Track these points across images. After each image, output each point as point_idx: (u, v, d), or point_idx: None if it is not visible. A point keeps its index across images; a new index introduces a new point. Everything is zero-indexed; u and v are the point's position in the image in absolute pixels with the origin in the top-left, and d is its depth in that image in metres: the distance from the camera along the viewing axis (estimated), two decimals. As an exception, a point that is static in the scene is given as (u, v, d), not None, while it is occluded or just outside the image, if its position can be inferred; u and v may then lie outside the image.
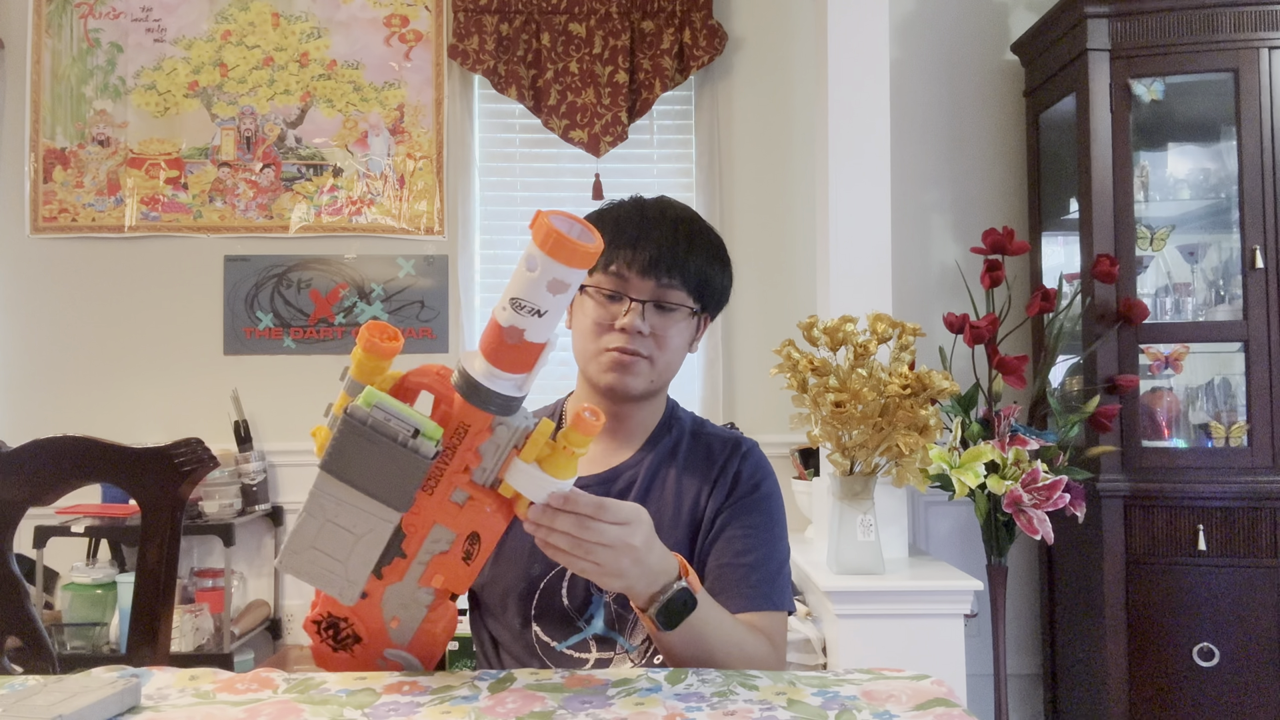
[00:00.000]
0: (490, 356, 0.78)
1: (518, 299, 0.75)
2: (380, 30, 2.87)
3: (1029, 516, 2.04)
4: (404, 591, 0.86)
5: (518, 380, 0.79)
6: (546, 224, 0.73)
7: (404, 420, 0.77)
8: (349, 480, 0.78)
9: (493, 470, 0.82)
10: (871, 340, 2.01)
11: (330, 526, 0.80)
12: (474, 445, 0.81)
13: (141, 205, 2.83)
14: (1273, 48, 2.28)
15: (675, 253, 1.10)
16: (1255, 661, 2.21)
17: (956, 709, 0.77)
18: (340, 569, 0.82)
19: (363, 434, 0.76)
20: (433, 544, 0.84)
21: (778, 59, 2.89)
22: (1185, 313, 2.45)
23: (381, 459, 0.77)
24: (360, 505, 0.79)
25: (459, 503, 0.82)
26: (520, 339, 0.76)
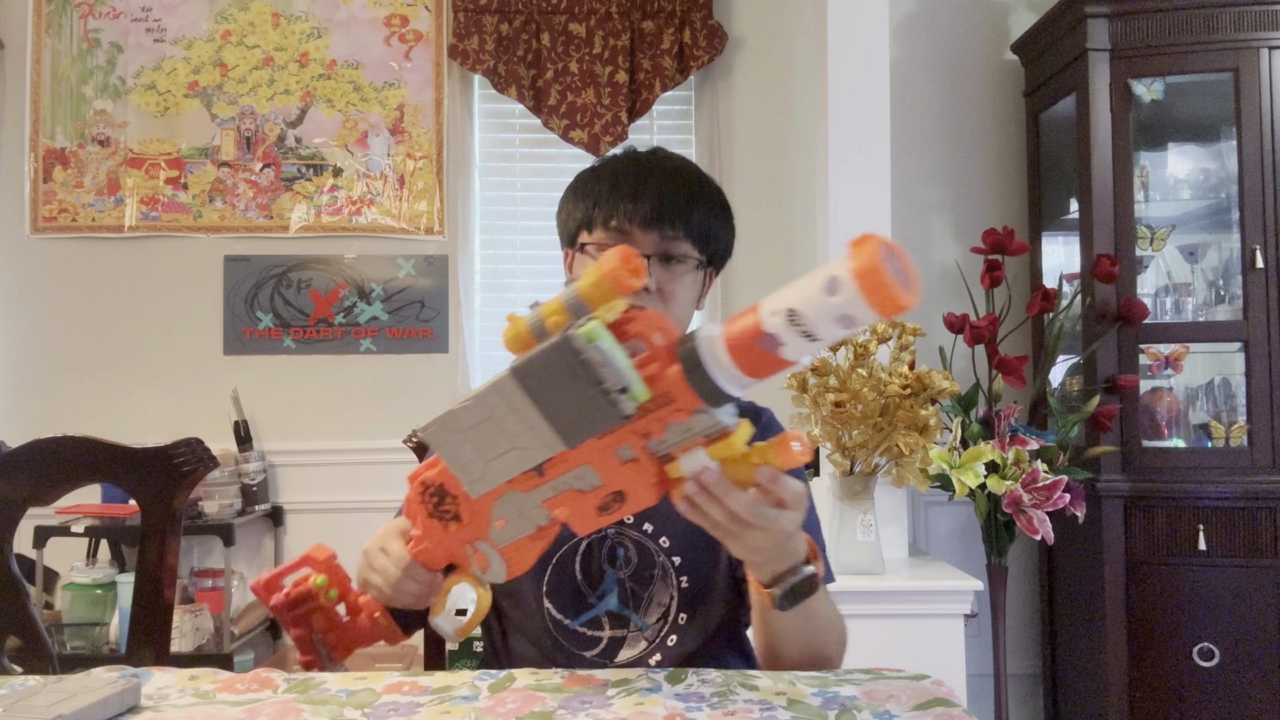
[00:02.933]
0: (733, 348, 0.70)
1: (797, 314, 0.66)
2: (380, 30, 2.87)
3: (1029, 516, 2.04)
4: (524, 502, 0.83)
5: (745, 382, 0.72)
6: (876, 261, 0.62)
7: (618, 372, 0.71)
8: (533, 395, 0.73)
9: (671, 447, 0.76)
10: (871, 340, 2.01)
11: (490, 425, 0.76)
12: (667, 419, 0.74)
13: (141, 205, 2.83)
14: (1273, 48, 2.28)
15: (677, 203, 1.06)
16: (1255, 661, 2.21)
17: (956, 709, 0.77)
18: (480, 465, 0.79)
19: (570, 365, 0.70)
20: (575, 479, 0.80)
21: (778, 59, 2.89)
22: (1185, 313, 2.45)
23: (576, 395, 0.71)
24: (531, 422, 0.74)
25: (621, 458, 0.77)
26: (776, 351, 0.68)
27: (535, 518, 0.83)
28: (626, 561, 1.07)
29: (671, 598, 1.07)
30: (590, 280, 0.72)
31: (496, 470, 0.79)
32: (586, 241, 1.08)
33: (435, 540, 0.89)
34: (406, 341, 2.84)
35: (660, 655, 1.06)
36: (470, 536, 0.87)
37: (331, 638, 1.00)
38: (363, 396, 2.83)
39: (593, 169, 1.12)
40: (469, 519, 0.86)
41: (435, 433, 0.79)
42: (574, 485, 0.80)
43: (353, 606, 0.99)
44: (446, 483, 0.86)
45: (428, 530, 0.89)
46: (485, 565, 0.87)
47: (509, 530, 0.85)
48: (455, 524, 0.87)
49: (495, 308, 2.93)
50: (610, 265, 0.71)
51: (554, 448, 0.75)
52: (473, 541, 0.87)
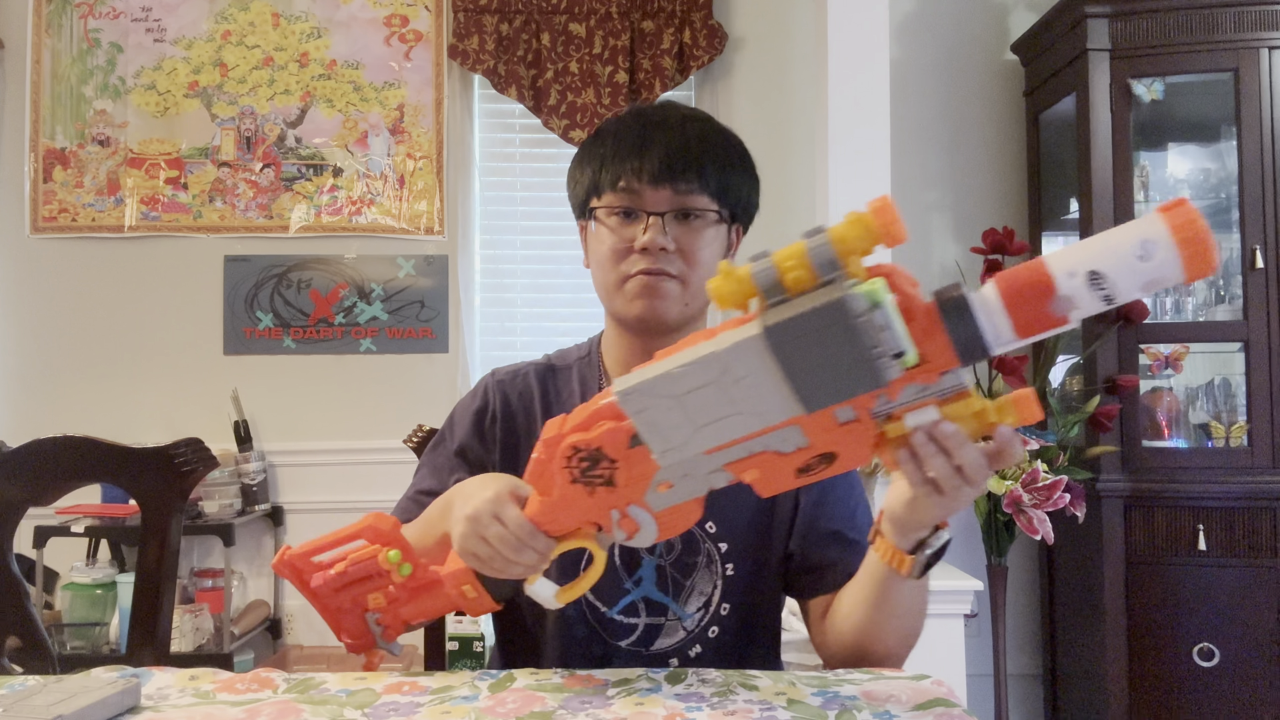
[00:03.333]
0: (1012, 304, 0.64)
1: (1102, 277, 0.62)
2: (380, 30, 2.87)
3: (1029, 516, 2.04)
4: (702, 464, 0.75)
5: (1011, 341, 0.66)
6: (1200, 225, 0.60)
7: (895, 337, 0.63)
8: (782, 358, 0.64)
9: (896, 406, 0.69)
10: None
11: (713, 390, 0.68)
12: (911, 380, 0.68)
13: (141, 205, 2.83)
14: (1273, 47, 2.28)
15: (688, 153, 0.98)
16: (1255, 661, 2.21)
17: (956, 709, 0.77)
18: (685, 431, 0.71)
19: (843, 328, 0.62)
20: (778, 440, 0.72)
21: (778, 59, 2.89)
22: (1185, 313, 2.45)
23: (838, 360, 0.64)
24: (768, 386, 0.66)
25: (839, 420, 0.70)
26: (1064, 314, 0.64)
27: (713, 481, 0.76)
28: (669, 548, 1.02)
29: (715, 586, 1.02)
30: (848, 226, 0.64)
31: (704, 437, 0.71)
32: (596, 206, 1.02)
33: (571, 506, 0.81)
34: (406, 341, 2.84)
35: (700, 647, 1.02)
36: (618, 502, 0.80)
37: (389, 616, 0.92)
38: (363, 396, 2.83)
39: (597, 131, 1.06)
40: (625, 484, 0.78)
41: (637, 398, 0.70)
42: (772, 447, 0.73)
43: (424, 580, 0.90)
44: (606, 445, 0.77)
45: (565, 496, 0.81)
46: (632, 530, 0.80)
47: (674, 494, 0.78)
48: (605, 490, 0.79)
49: (495, 308, 2.93)
50: (878, 208, 0.64)
51: (787, 413, 0.68)
52: (621, 506, 0.80)
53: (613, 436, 0.77)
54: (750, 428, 0.70)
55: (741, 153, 1.04)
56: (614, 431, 0.77)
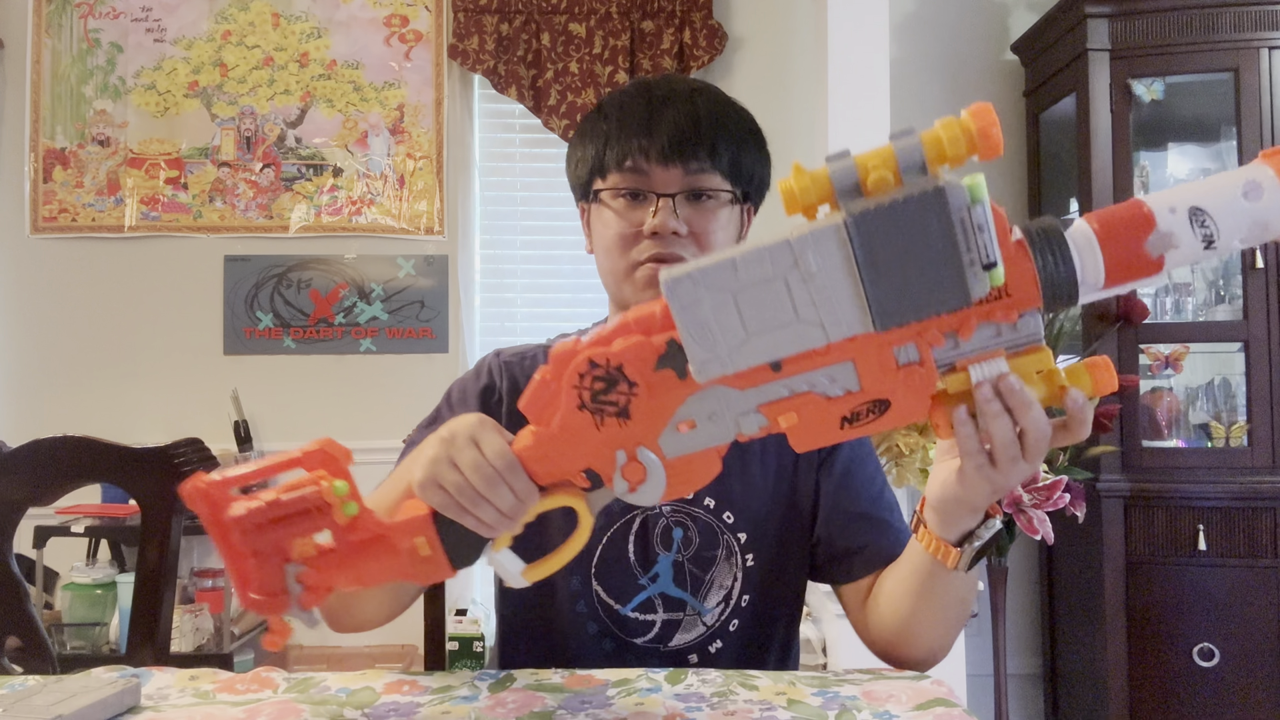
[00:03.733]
0: (1106, 238, 0.58)
1: (1204, 213, 0.57)
2: (380, 30, 2.87)
3: (1029, 516, 2.04)
4: (733, 401, 0.64)
5: (1100, 283, 0.59)
6: None
7: (990, 243, 0.56)
8: (863, 255, 0.56)
9: (963, 354, 0.61)
10: (871, 340, 2.01)
11: (775, 288, 0.58)
12: (988, 316, 0.60)
13: (141, 205, 2.84)
14: (1272, 48, 2.28)
15: (699, 129, 0.92)
16: (1255, 661, 2.21)
17: (956, 709, 0.77)
18: (732, 338, 0.60)
19: (936, 224, 0.55)
20: (825, 379, 0.62)
21: (778, 59, 2.89)
22: (1185, 313, 2.45)
23: (923, 263, 0.55)
24: (838, 291, 0.57)
25: (898, 360, 0.61)
26: (1161, 253, 0.58)
27: (743, 424, 0.65)
28: (686, 542, 0.97)
29: (735, 579, 0.98)
30: (943, 128, 0.57)
31: (756, 348, 0.60)
32: (601, 188, 0.96)
33: (571, 441, 0.67)
34: (406, 341, 2.84)
35: (720, 642, 0.98)
36: (627, 441, 0.67)
37: (314, 574, 0.72)
38: (362, 396, 2.83)
39: (599, 106, 0.98)
40: (642, 416, 0.66)
41: (688, 287, 0.59)
42: (819, 387, 0.63)
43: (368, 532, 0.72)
44: (629, 364, 0.65)
45: (567, 426, 0.67)
46: (638, 479, 0.67)
47: (695, 437, 0.66)
48: (616, 422, 0.66)
49: (495, 308, 2.93)
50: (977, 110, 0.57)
51: (854, 328, 0.59)
52: (629, 446, 0.67)
53: (638, 353, 0.64)
54: (809, 342, 0.60)
55: (753, 127, 0.98)
56: (641, 347, 0.64)
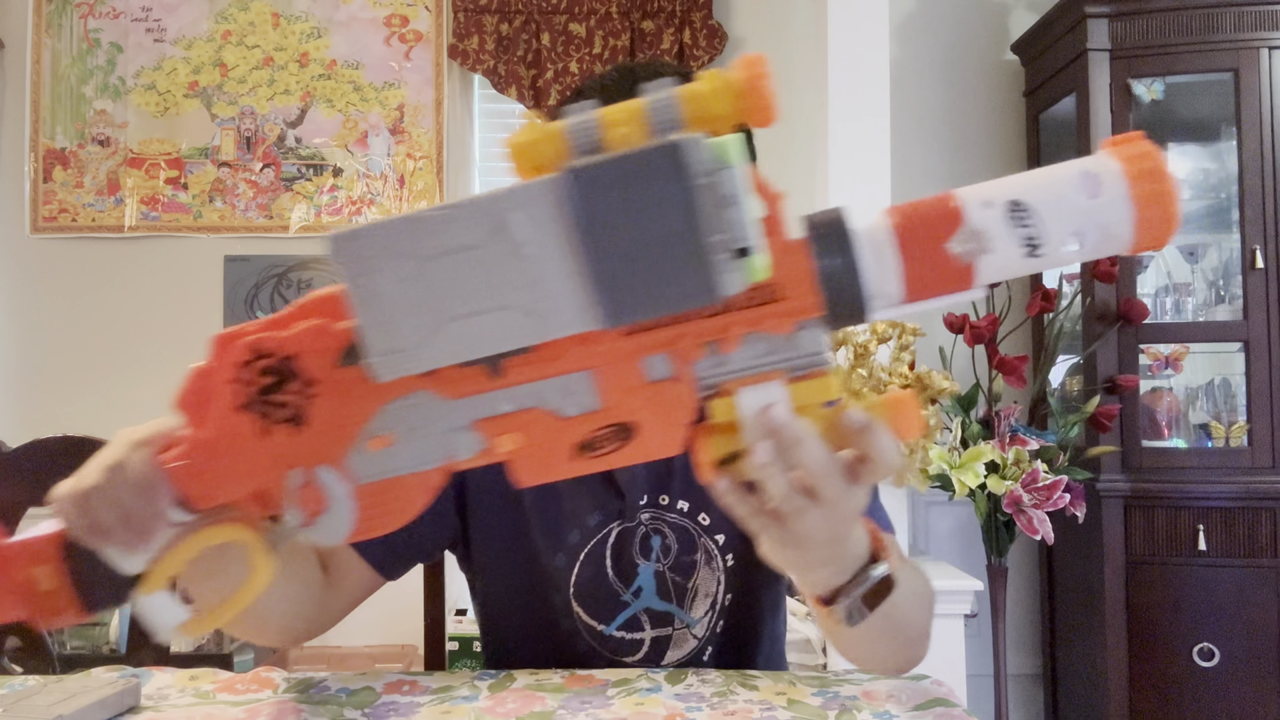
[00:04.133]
0: (906, 239, 0.48)
1: (1026, 209, 0.47)
2: (380, 30, 2.87)
3: (1029, 516, 2.04)
4: (437, 415, 0.51)
5: (895, 296, 0.49)
6: (1159, 162, 0.46)
7: (744, 225, 0.44)
8: (583, 226, 0.44)
9: (730, 373, 0.50)
10: (871, 340, 2.01)
11: (479, 259, 0.45)
12: (756, 325, 0.49)
13: (141, 205, 2.83)
14: (1273, 48, 2.28)
15: None
16: (1255, 662, 2.21)
17: (956, 709, 0.77)
18: (420, 324, 0.46)
19: (670, 189, 0.43)
20: (556, 392, 0.50)
21: (778, 59, 2.89)
22: (1185, 313, 2.45)
23: (654, 244, 0.43)
24: (559, 270, 0.45)
25: (646, 375, 0.50)
26: (969, 258, 0.47)
27: (455, 444, 0.51)
28: (665, 550, 0.94)
29: (718, 583, 0.95)
30: (707, 83, 0.46)
31: (452, 340, 0.46)
32: None
33: (230, 453, 0.52)
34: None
35: (713, 647, 0.95)
36: (303, 456, 0.52)
37: None
38: (363, 396, 2.83)
39: (579, 90, 0.91)
40: (322, 425, 0.51)
41: (361, 249, 0.45)
42: (550, 403, 0.50)
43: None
44: (305, 355, 0.51)
45: (225, 432, 0.52)
46: (316, 509, 0.52)
47: (390, 457, 0.51)
48: (288, 430, 0.51)
49: (495, 308, 2.93)
50: (749, 61, 0.46)
51: (577, 321, 0.46)
52: (308, 464, 0.52)
53: (317, 341, 0.51)
54: (520, 336, 0.46)
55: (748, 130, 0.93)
56: (320, 334, 0.51)
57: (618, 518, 0.94)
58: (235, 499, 0.54)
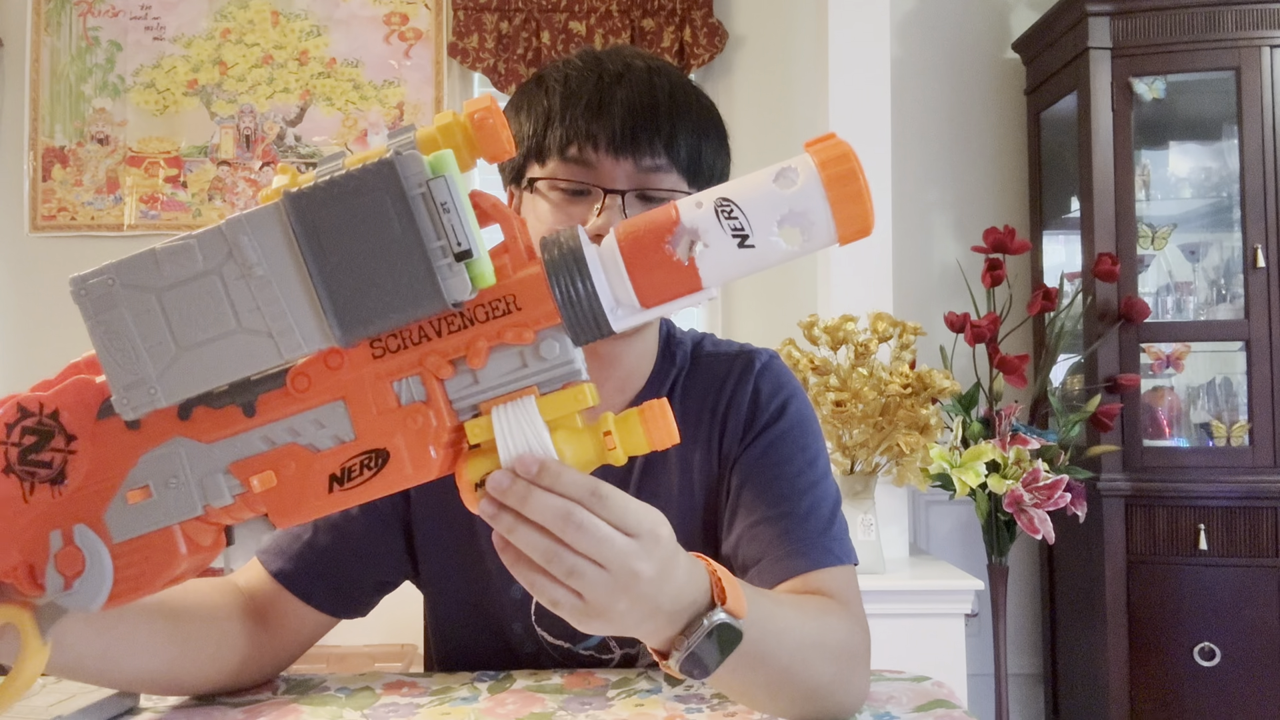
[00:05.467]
0: (629, 250, 0.50)
1: (731, 203, 0.50)
2: (380, 28, 2.87)
3: (1030, 516, 2.04)
4: (196, 461, 0.50)
5: (630, 306, 0.51)
6: (848, 152, 0.50)
7: (462, 229, 0.46)
8: (313, 250, 0.46)
9: (484, 391, 0.50)
10: (872, 339, 2.01)
11: (213, 286, 0.46)
12: (498, 337, 0.49)
13: (141, 204, 2.83)
14: (1274, 46, 2.27)
15: (656, 119, 0.79)
16: (1256, 661, 2.21)
17: (957, 710, 0.77)
18: (161, 355, 0.47)
19: (392, 203, 0.45)
20: (310, 425, 0.50)
21: (778, 57, 2.89)
22: (1186, 312, 2.45)
23: (384, 258, 0.46)
24: (292, 290, 0.46)
25: (399, 399, 0.50)
26: (689, 254, 0.50)
27: (209, 490, 0.50)
28: None
29: None
30: (438, 126, 0.48)
31: (193, 368, 0.47)
32: (539, 177, 0.82)
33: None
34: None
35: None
36: (63, 517, 0.51)
37: None
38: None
39: (539, 77, 0.85)
40: (81, 482, 0.51)
41: (97, 287, 0.47)
42: (305, 437, 0.50)
43: None
44: (67, 409, 0.51)
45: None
46: (73, 570, 0.50)
47: (148, 510, 0.50)
48: (50, 490, 0.51)
49: (495, 306, 2.93)
50: (480, 106, 0.48)
51: (313, 339, 0.47)
52: (66, 524, 0.50)
53: (78, 396, 0.51)
54: (259, 360, 0.47)
55: (715, 116, 0.88)
56: (80, 388, 0.51)
57: None
58: (5, 570, 0.52)
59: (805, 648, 0.68)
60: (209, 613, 0.77)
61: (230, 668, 0.79)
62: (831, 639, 0.72)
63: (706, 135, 0.85)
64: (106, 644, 0.68)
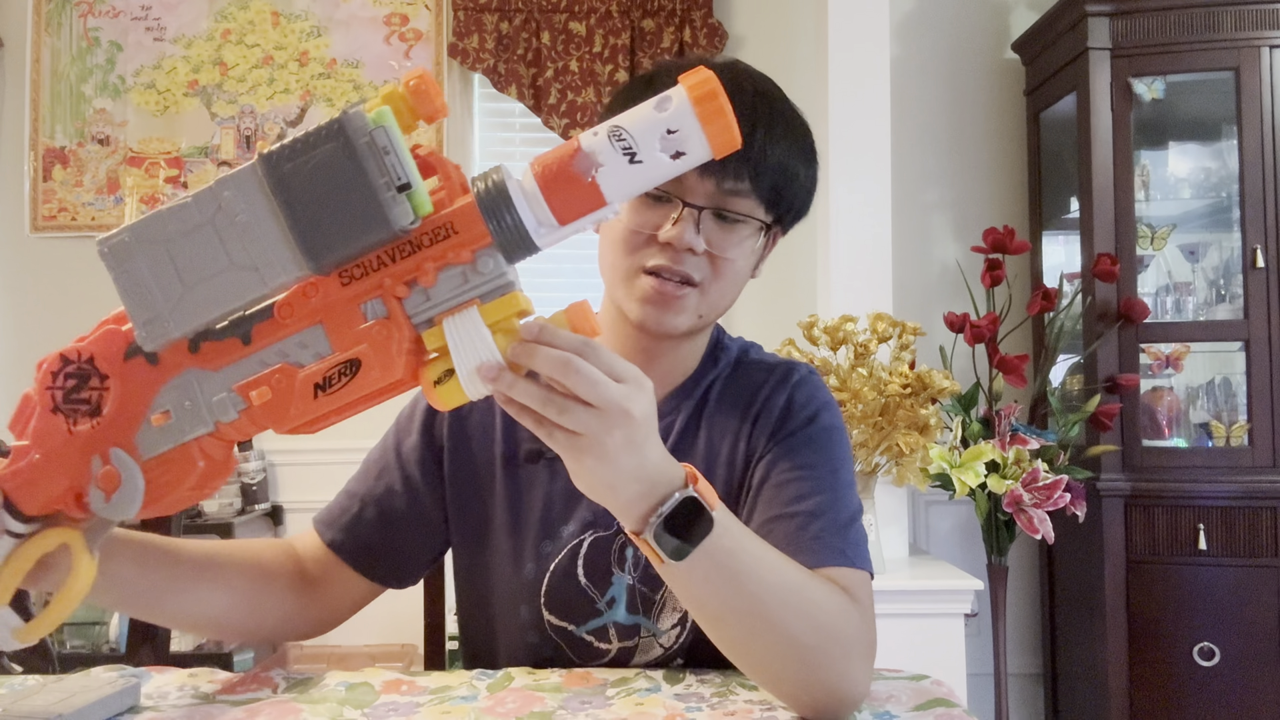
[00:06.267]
0: (542, 177, 0.60)
1: (620, 128, 0.59)
2: (380, 29, 2.87)
3: (1029, 516, 2.04)
4: (205, 386, 0.61)
5: (549, 225, 0.60)
6: (710, 79, 0.58)
7: (401, 167, 0.57)
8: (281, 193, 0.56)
9: (435, 306, 0.59)
10: (872, 339, 2.01)
11: (208, 235, 0.58)
12: (442, 259, 0.59)
13: (141, 204, 2.83)
14: (1274, 46, 2.27)
15: (750, 143, 0.79)
16: (1256, 661, 2.21)
17: (956, 709, 0.77)
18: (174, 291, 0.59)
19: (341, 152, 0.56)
20: (296, 347, 0.60)
21: (778, 58, 2.88)
22: (1186, 312, 2.45)
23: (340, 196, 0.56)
24: (269, 232, 0.57)
25: (366, 318, 0.60)
26: (590, 174, 0.58)
27: (219, 408, 0.61)
28: (635, 563, 0.91)
29: None
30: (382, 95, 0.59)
31: (198, 302, 0.59)
32: None
33: (46, 451, 0.63)
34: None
35: (682, 659, 0.92)
36: (100, 443, 0.62)
37: None
38: (363, 395, 2.83)
39: (648, 78, 0.87)
40: (114, 413, 0.62)
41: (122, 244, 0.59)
42: (292, 356, 0.60)
43: None
44: (100, 354, 0.62)
45: (41, 434, 0.63)
46: (112, 486, 0.61)
47: (169, 431, 0.62)
48: (89, 422, 0.62)
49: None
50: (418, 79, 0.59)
51: (289, 270, 0.58)
52: (103, 449, 0.62)
53: (108, 342, 0.62)
54: (247, 290, 0.58)
55: (808, 147, 0.89)
56: (109, 336, 0.62)
57: (591, 527, 0.92)
58: (57, 497, 0.63)
59: (785, 590, 0.71)
60: (256, 569, 0.87)
61: (271, 622, 0.89)
62: (819, 604, 0.74)
63: (796, 158, 0.87)
64: (152, 582, 0.78)
